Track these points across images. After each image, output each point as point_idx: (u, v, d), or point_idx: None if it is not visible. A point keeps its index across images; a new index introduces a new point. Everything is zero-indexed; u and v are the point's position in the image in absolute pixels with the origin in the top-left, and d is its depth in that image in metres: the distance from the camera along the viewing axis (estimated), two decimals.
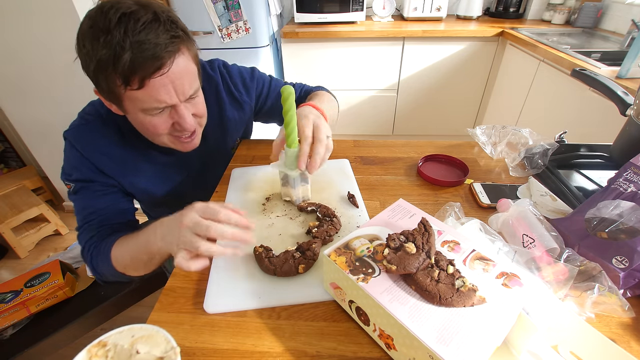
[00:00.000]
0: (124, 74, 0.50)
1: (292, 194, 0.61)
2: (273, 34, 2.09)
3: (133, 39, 0.48)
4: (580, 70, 0.78)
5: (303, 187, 0.61)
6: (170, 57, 0.52)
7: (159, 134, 0.62)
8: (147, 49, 0.49)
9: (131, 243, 0.59)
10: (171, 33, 0.52)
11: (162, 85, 0.53)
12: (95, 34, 0.49)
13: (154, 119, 0.58)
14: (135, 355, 0.33)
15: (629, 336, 0.40)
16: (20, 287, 0.97)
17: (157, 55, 0.50)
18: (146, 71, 0.50)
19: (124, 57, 0.48)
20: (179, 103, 0.57)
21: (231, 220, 0.46)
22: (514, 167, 0.70)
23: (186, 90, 0.57)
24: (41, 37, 1.38)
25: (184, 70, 0.55)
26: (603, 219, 0.47)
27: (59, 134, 0.68)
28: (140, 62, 0.49)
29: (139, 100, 0.54)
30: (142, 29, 0.49)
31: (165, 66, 0.52)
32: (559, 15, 2.03)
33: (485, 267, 0.37)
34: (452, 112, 2.23)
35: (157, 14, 0.51)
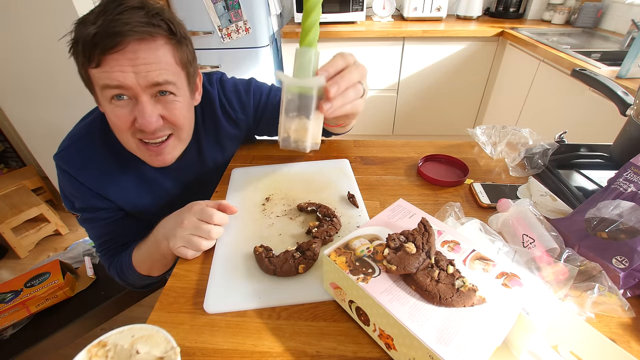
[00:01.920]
0: (85, 49, 0.49)
1: (307, 127, 0.41)
2: (273, 34, 2.09)
3: (107, 17, 0.48)
4: (580, 70, 0.78)
5: (316, 121, 0.43)
6: (134, 37, 0.49)
7: (121, 130, 0.56)
8: (113, 27, 0.47)
9: (144, 248, 0.65)
10: (150, 20, 0.50)
11: (119, 64, 0.49)
12: (84, 16, 0.50)
13: (117, 109, 0.54)
14: (135, 355, 0.33)
15: (629, 336, 0.40)
16: (20, 287, 0.97)
17: (118, 32, 0.47)
18: (104, 47, 0.48)
19: (90, 31, 0.47)
20: (138, 89, 0.52)
21: (222, 223, 0.54)
22: (514, 167, 0.70)
23: (150, 78, 0.52)
24: (41, 37, 1.38)
25: (152, 58, 0.51)
26: (603, 219, 0.47)
27: (59, 134, 0.68)
28: (101, 37, 0.47)
29: (97, 78, 0.51)
30: (120, 11, 0.48)
31: (122, 44, 0.48)
32: (559, 15, 2.03)
33: (485, 267, 0.37)
34: (452, 112, 2.23)
35: (144, 4, 0.51)
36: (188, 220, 0.52)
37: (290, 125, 0.41)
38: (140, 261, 0.67)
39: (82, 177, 0.65)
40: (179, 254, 0.52)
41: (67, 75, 1.47)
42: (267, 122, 0.80)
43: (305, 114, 0.39)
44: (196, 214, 0.53)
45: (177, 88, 0.57)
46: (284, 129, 0.42)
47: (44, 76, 1.48)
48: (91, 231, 0.72)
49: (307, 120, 0.40)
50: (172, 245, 0.52)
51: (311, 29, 0.41)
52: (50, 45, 1.39)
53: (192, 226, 0.52)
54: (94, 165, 0.65)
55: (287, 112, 0.41)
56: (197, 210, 0.53)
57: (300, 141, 0.42)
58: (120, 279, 0.73)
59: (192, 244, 0.51)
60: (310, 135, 0.41)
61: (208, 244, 0.52)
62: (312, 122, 0.40)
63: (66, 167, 0.64)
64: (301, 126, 0.40)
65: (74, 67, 0.55)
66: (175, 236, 0.52)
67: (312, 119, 0.40)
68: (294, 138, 0.41)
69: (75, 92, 1.51)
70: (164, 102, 0.56)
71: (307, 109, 0.39)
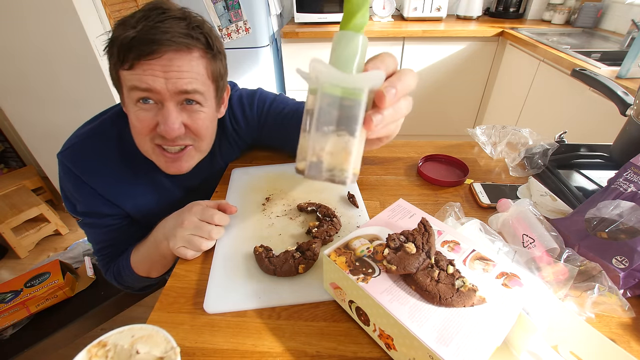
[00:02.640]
0: (121, 51, 0.49)
1: (349, 148, 0.27)
2: (273, 34, 2.09)
3: (147, 23, 0.48)
4: (580, 70, 0.78)
5: (360, 139, 0.28)
6: (170, 47, 0.50)
7: (141, 133, 0.56)
8: (153, 33, 0.48)
9: (143, 249, 0.64)
10: (189, 32, 0.51)
11: (151, 68, 0.50)
12: (124, 18, 0.51)
13: (141, 111, 0.54)
14: (135, 355, 0.33)
15: (629, 336, 0.40)
16: (20, 287, 0.97)
17: (156, 40, 0.48)
18: (140, 52, 0.49)
19: (128, 35, 0.48)
20: (166, 94, 0.52)
21: (223, 223, 0.54)
22: (514, 167, 0.70)
23: (179, 85, 0.52)
24: (41, 37, 1.38)
25: (185, 67, 0.52)
26: (603, 219, 0.47)
27: (59, 134, 0.66)
28: (139, 42, 0.48)
29: (127, 80, 0.52)
30: (162, 19, 0.49)
31: (158, 52, 0.49)
32: (559, 15, 2.03)
33: (485, 267, 0.37)
34: (452, 112, 2.23)
35: (186, 15, 0.52)
36: (188, 220, 0.52)
37: (323, 144, 0.26)
38: (139, 262, 0.66)
39: (91, 179, 0.62)
40: (179, 254, 0.52)
41: (67, 75, 1.47)
42: (269, 132, 0.76)
43: (349, 128, 0.26)
44: (197, 214, 0.53)
45: (204, 99, 0.56)
46: (313, 150, 0.26)
47: (44, 76, 1.48)
48: (91, 236, 0.70)
49: (351, 138, 0.26)
50: (172, 245, 0.52)
51: (361, 7, 0.28)
52: (51, 45, 1.39)
53: (193, 226, 0.52)
54: (105, 168, 0.63)
55: (320, 125, 0.26)
56: (198, 211, 0.54)
57: (337, 169, 0.27)
58: (118, 282, 0.72)
59: (192, 244, 0.51)
60: (353, 160, 0.27)
61: (208, 244, 0.53)
62: (357, 140, 0.26)
63: (72, 167, 0.61)
64: (340, 147, 0.26)
65: (74, 67, 0.56)
66: (176, 236, 0.52)
67: (358, 137, 0.26)
68: (329, 165, 0.26)
69: (75, 92, 1.51)
70: (189, 111, 0.56)
71: (351, 122, 0.26)
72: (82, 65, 1.43)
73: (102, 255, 0.71)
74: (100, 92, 1.51)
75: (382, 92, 0.27)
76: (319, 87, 0.26)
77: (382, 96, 0.27)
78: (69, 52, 1.40)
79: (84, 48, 1.39)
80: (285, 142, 0.77)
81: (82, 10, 1.33)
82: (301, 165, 0.27)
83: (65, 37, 1.36)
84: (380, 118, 0.28)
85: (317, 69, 0.25)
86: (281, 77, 2.31)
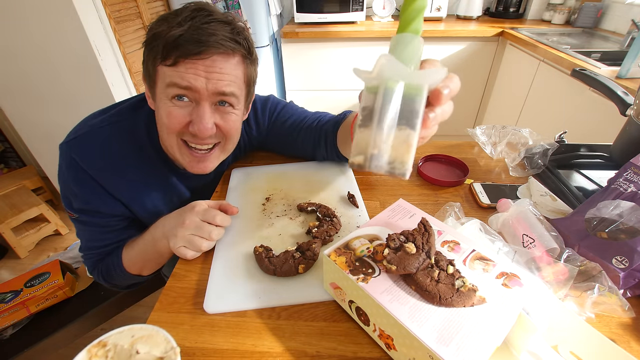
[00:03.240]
0: (165, 47, 0.50)
1: (411, 141, 0.28)
2: (273, 34, 2.09)
3: (194, 23, 0.49)
4: (580, 70, 0.79)
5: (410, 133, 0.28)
6: (218, 50, 0.51)
7: (171, 129, 0.55)
8: (200, 34, 0.49)
9: (138, 247, 0.63)
10: (233, 37, 0.52)
11: (195, 69, 0.51)
12: (167, 15, 0.52)
13: (174, 107, 0.54)
14: (135, 355, 0.33)
15: (629, 336, 0.40)
16: (20, 287, 0.97)
17: (204, 42, 0.49)
18: (186, 51, 0.49)
19: (175, 32, 0.49)
20: (204, 94, 0.52)
21: (224, 224, 0.54)
22: (514, 167, 0.70)
23: (219, 87, 0.53)
24: (41, 37, 1.38)
25: (226, 69, 0.53)
26: (603, 219, 0.47)
27: (59, 134, 0.63)
28: (186, 40, 0.49)
29: (167, 76, 0.52)
30: (208, 21, 0.50)
31: (206, 54, 0.50)
32: (559, 15, 2.03)
33: (485, 267, 0.37)
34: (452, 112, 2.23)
35: (230, 20, 0.53)
36: (190, 220, 0.52)
37: (384, 137, 0.27)
38: (131, 260, 0.64)
39: (99, 174, 0.59)
40: (179, 254, 0.52)
41: (67, 75, 1.47)
42: (274, 138, 0.77)
43: (410, 122, 0.27)
44: (199, 214, 0.53)
45: (237, 102, 0.58)
46: (375, 143, 0.27)
47: (44, 76, 1.48)
48: (84, 233, 0.66)
49: (412, 132, 0.27)
50: (173, 244, 0.52)
51: (419, 13, 0.30)
52: (51, 45, 1.39)
53: (194, 226, 0.52)
54: (117, 163, 0.60)
55: (382, 118, 0.27)
56: (200, 211, 0.53)
57: (398, 162, 0.27)
58: (105, 281, 0.69)
59: (193, 245, 0.51)
60: (413, 153, 0.28)
61: (209, 244, 0.52)
62: (417, 134, 0.27)
63: (79, 159, 0.58)
64: (402, 140, 0.27)
65: (74, 67, 0.56)
66: (176, 236, 0.52)
67: (418, 130, 0.27)
68: (391, 157, 0.27)
69: (75, 92, 1.51)
70: (222, 112, 0.57)
71: (413, 116, 0.27)
72: (82, 65, 1.43)
73: (91, 254, 0.68)
74: (101, 92, 1.51)
75: (439, 90, 0.29)
76: (383, 83, 0.27)
77: (439, 94, 0.29)
78: (69, 52, 1.40)
79: (84, 48, 1.39)
80: (287, 149, 0.79)
81: (82, 10, 1.33)
82: (358, 159, 0.28)
83: (65, 37, 1.36)
84: (434, 116, 0.30)
85: (383, 64, 0.26)
86: (281, 77, 2.31)
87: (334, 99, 2.20)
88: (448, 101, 0.31)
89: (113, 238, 0.67)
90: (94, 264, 0.69)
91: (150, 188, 0.66)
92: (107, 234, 0.66)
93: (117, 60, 1.54)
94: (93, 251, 0.68)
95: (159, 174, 0.67)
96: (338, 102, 2.21)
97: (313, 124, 0.72)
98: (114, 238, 0.67)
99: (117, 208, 0.64)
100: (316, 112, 0.77)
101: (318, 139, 0.71)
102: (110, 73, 1.49)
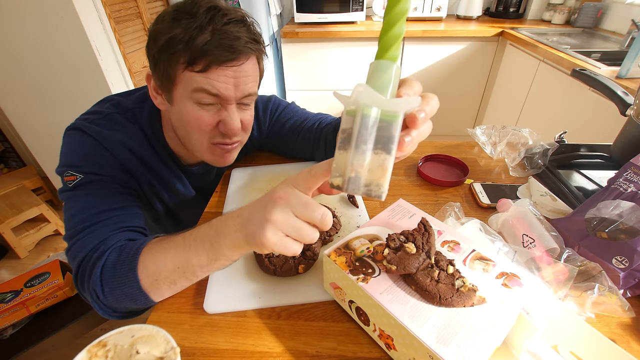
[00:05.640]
0: (192, 54, 0.49)
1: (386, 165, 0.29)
2: (273, 34, 2.09)
3: (215, 26, 0.49)
4: (580, 70, 0.79)
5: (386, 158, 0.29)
6: (247, 55, 0.52)
7: (202, 132, 0.56)
8: (226, 38, 0.49)
9: (178, 244, 0.42)
10: (252, 36, 0.53)
11: (225, 76, 0.51)
12: (178, 15, 0.50)
13: (201, 111, 0.54)
14: (135, 355, 0.33)
15: (629, 336, 0.40)
16: (20, 287, 0.97)
17: (234, 47, 0.50)
18: (218, 58, 0.49)
19: (201, 38, 0.48)
20: (232, 100, 0.54)
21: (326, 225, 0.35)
22: (514, 167, 0.70)
23: (245, 90, 0.54)
24: (41, 37, 1.38)
25: (250, 73, 0.54)
26: (603, 219, 0.47)
27: (59, 134, 0.61)
28: (216, 47, 0.49)
29: (195, 82, 0.51)
30: (227, 22, 0.50)
31: (239, 60, 0.51)
32: (559, 15, 2.03)
33: (485, 267, 0.37)
34: (452, 112, 2.23)
35: (244, 18, 0.53)
36: (280, 216, 0.34)
37: (362, 161, 0.28)
38: (157, 262, 0.43)
39: (115, 147, 0.57)
40: (278, 249, 0.34)
41: (67, 75, 1.47)
42: (274, 138, 0.78)
43: (386, 147, 0.28)
44: (293, 206, 0.34)
45: (254, 98, 0.60)
46: (352, 166, 0.29)
47: (44, 76, 1.48)
48: (84, 199, 0.52)
49: (388, 156, 0.28)
50: (268, 237, 0.33)
51: (397, 40, 0.30)
52: (51, 45, 1.39)
53: (302, 205, 0.34)
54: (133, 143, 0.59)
55: (359, 143, 0.28)
56: (297, 203, 0.34)
57: (374, 185, 0.29)
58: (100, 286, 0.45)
59: (301, 233, 0.34)
60: (388, 176, 0.29)
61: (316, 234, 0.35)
62: (392, 158, 0.29)
63: (95, 134, 0.55)
64: (378, 164, 0.28)
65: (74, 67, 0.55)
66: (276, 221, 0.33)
67: (394, 155, 0.29)
68: (367, 180, 0.29)
69: (75, 92, 1.51)
70: (243, 110, 0.58)
71: (389, 141, 0.28)
72: (82, 65, 1.43)
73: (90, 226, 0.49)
74: (100, 92, 1.51)
75: (414, 115, 0.30)
76: (360, 109, 0.28)
77: (414, 118, 0.30)
78: (69, 52, 1.40)
79: (84, 48, 1.39)
80: (287, 150, 0.79)
81: (82, 10, 1.33)
82: (337, 181, 0.29)
83: (65, 37, 1.36)
84: (410, 139, 0.31)
85: (360, 91, 0.28)
86: (281, 77, 2.31)
87: (334, 99, 2.20)
88: (424, 123, 0.31)
89: (124, 201, 0.55)
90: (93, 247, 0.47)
91: (162, 180, 0.67)
92: (115, 197, 0.54)
93: (117, 60, 1.54)
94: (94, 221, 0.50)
95: (170, 170, 0.67)
96: (338, 102, 2.20)
97: (314, 125, 0.73)
98: (124, 201, 0.55)
99: (132, 182, 0.60)
100: (317, 114, 0.77)
101: (317, 140, 0.71)
102: (110, 73, 1.49)
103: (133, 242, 0.47)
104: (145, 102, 0.63)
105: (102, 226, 0.49)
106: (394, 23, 0.30)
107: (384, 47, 0.30)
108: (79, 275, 0.47)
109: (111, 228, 0.50)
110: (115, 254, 0.46)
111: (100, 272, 0.45)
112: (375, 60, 0.30)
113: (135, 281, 0.43)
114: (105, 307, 0.47)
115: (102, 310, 0.47)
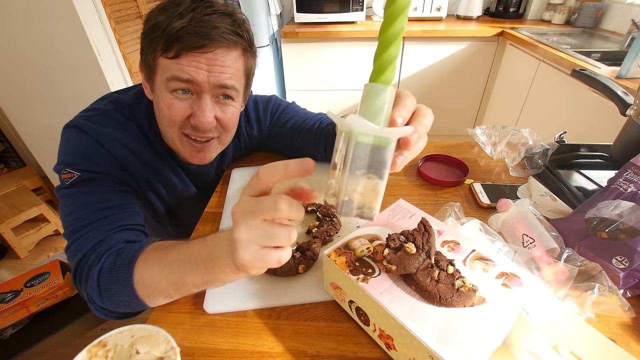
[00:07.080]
0: (167, 40, 0.49)
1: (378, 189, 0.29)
2: (273, 34, 2.09)
3: (196, 15, 0.49)
4: (580, 70, 0.79)
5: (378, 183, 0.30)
6: (221, 43, 0.51)
7: (172, 122, 0.55)
8: (202, 27, 0.48)
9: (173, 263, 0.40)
10: (236, 30, 0.52)
11: (197, 61, 0.50)
12: (166, 4, 0.51)
13: (175, 100, 0.53)
14: (135, 356, 0.33)
15: (629, 336, 0.40)
16: (20, 287, 0.97)
17: (207, 35, 0.49)
18: (188, 44, 0.49)
19: (176, 24, 0.48)
20: (205, 87, 0.52)
21: None
22: (514, 167, 0.70)
23: (220, 80, 0.52)
24: (41, 37, 1.38)
25: (228, 62, 0.52)
26: (603, 219, 0.47)
27: (59, 134, 0.60)
28: (188, 33, 0.48)
29: (168, 70, 0.51)
30: (210, 13, 0.50)
31: (209, 47, 0.50)
32: (559, 15, 2.03)
33: (485, 267, 0.37)
34: (452, 112, 2.23)
35: (232, 12, 0.53)
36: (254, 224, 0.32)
37: (355, 186, 0.29)
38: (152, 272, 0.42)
39: (112, 145, 0.56)
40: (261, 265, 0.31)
41: (67, 76, 1.47)
42: (274, 138, 0.78)
43: (378, 172, 0.29)
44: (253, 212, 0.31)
45: (237, 94, 0.58)
46: (346, 190, 0.29)
47: (44, 76, 1.48)
48: (81, 197, 0.52)
49: (380, 181, 0.29)
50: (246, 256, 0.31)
51: (391, 63, 0.30)
52: (51, 45, 1.39)
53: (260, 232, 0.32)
54: (129, 140, 0.59)
55: (353, 169, 0.29)
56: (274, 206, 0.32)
57: (366, 207, 0.30)
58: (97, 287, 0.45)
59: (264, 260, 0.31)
60: (380, 199, 0.30)
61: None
62: (384, 182, 0.29)
63: (92, 132, 0.55)
64: (370, 188, 0.29)
65: (74, 67, 0.55)
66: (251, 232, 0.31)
67: (386, 179, 0.29)
68: (359, 203, 0.30)
69: (75, 92, 1.51)
70: (222, 105, 0.57)
71: (381, 167, 0.29)
72: (82, 66, 1.43)
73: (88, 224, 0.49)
74: (100, 92, 1.49)
75: (407, 138, 0.31)
76: (354, 136, 0.28)
77: (407, 142, 0.31)
78: (69, 52, 1.40)
79: (84, 48, 1.39)
80: (287, 150, 0.79)
81: (82, 11, 1.33)
82: (331, 201, 0.31)
83: (65, 37, 1.36)
84: (403, 159, 0.32)
85: (352, 121, 0.28)
86: (281, 77, 2.31)
87: (334, 99, 2.20)
88: (418, 143, 0.32)
89: (121, 199, 0.55)
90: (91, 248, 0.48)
91: (159, 177, 0.66)
92: (113, 194, 0.54)
93: (117, 60, 1.54)
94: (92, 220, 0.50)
95: (167, 167, 0.67)
96: (338, 102, 2.21)
97: (314, 125, 0.72)
98: (122, 199, 0.55)
99: (129, 180, 0.59)
100: (318, 114, 0.77)
101: (318, 140, 0.71)
102: (110, 73, 1.49)
103: (130, 247, 0.46)
104: (142, 98, 0.62)
105: (100, 225, 0.50)
106: (390, 43, 0.30)
107: (378, 70, 0.30)
108: (77, 274, 0.48)
109: (109, 227, 0.50)
110: (111, 259, 0.46)
111: (97, 277, 0.45)
112: (370, 83, 0.30)
113: (132, 291, 0.43)
114: (102, 309, 0.48)
115: (99, 312, 0.48)
